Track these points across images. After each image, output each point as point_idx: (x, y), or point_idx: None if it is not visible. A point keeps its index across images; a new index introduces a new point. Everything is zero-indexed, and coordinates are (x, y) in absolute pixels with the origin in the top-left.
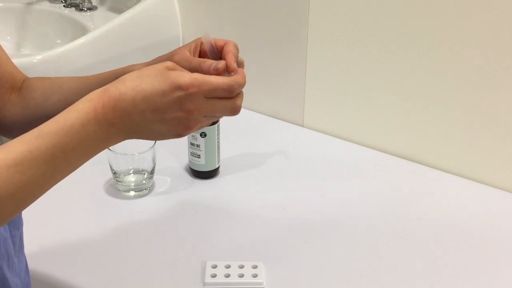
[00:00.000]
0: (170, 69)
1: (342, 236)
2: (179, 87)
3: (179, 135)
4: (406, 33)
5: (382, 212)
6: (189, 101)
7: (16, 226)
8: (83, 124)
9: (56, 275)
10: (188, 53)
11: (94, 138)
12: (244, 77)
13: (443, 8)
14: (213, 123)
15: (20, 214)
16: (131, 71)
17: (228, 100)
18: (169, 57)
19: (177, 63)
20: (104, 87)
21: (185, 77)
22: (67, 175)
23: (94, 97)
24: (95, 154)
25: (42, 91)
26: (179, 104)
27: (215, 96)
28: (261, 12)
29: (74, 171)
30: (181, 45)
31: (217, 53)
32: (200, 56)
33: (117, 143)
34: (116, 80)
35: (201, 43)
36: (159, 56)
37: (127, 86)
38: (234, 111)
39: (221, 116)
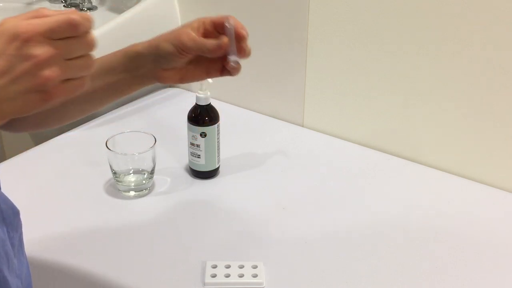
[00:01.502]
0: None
1: (342, 236)
2: (13, 37)
3: (44, 93)
4: (406, 33)
5: (382, 212)
6: (30, 47)
7: (14, 227)
8: None
9: (57, 276)
10: (193, 33)
11: None
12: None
13: (443, 8)
14: (213, 123)
15: (19, 215)
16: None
17: (78, 37)
18: (174, 36)
19: (184, 43)
20: None
21: (19, 24)
22: None
23: None
24: None
25: None
26: (20, 55)
27: (60, 37)
28: (261, 12)
29: (75, 172)
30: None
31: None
32: (204, 37)
33: None
34: None
35: (203, 23)
36: (163, 34)
37: None
38: (90, 45)
39: (83, 57)
